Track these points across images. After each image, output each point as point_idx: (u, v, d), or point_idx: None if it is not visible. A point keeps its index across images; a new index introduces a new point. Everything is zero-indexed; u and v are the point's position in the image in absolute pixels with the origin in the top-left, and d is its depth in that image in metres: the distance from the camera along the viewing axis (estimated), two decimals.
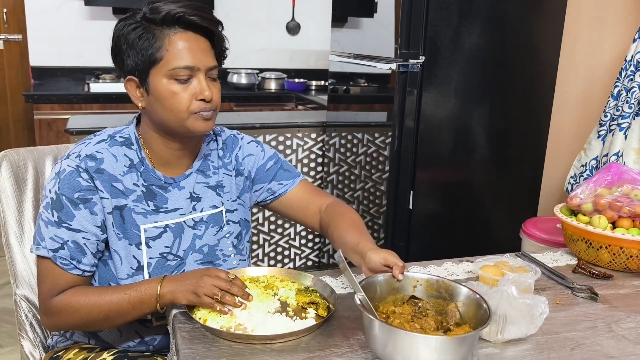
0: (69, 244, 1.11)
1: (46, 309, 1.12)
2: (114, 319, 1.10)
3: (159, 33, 1.08)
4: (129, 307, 1.08)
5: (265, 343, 0.98)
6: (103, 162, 1.13)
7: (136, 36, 1.08)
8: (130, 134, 1.19)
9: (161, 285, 1.07)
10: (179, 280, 1.07)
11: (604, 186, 1.42)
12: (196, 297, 1.04)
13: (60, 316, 1.10)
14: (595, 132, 2.08)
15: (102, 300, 1.09)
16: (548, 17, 2.29)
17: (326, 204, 1.29)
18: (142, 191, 1.16)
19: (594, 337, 1.06)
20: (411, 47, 2.10)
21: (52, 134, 3.20)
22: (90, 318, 1.09)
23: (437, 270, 1.34)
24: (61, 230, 1.10)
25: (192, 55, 1.09)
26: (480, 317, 0.95)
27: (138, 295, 1.07)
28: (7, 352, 2.42)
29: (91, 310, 1.09)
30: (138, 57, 1.09)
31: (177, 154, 1.19)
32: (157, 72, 1.09)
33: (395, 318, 0.97)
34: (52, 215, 1.11)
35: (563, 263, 1.42)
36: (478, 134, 2.28)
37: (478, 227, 2.37)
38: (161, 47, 1.08)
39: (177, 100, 1.10)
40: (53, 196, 1.11)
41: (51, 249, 1.10)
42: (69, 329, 1.13)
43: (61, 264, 1.10)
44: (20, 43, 3.89)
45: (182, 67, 1.08)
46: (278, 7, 4.02)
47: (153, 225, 1.17)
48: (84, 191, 1.11)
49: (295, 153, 2.85)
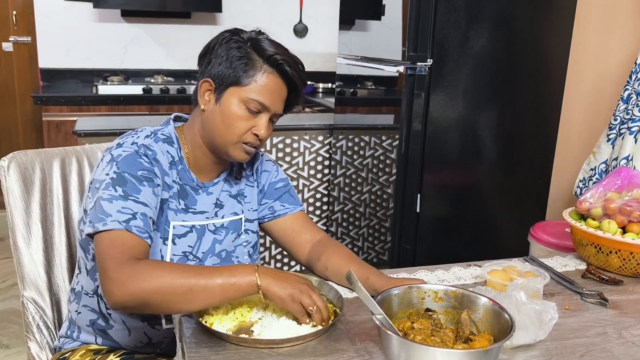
0: (139, 215, 1.07)
1: (122, 273, 0.99)
2: (196, 295, 0.99)
3: (257, 64, 1.16)
4: (216, 287, 1.00)
5: (271, 347, 0.98)
6: (156, 154, 1.17)
7: (236, 54, 1.16)
8: (170, 133, 1.23)
9: (259, 276, 1.01)
10: (275, 276, 1.03)
11: (614, 190, 1.40)
12: (292, 300, 1.01)
13: (140, 279, 0.98)
14: (605, 136, 2.07)
15: (189, 272, 1.01)
16: (557, 20, 2.27)
17: (320, 237, 1.33)
18: (177, 189, 1.21)
19: (604, 343, 1.05)
20: (419, 49, 2.09)
21: (61, 136, 3.22)
22: (172, 288, 0.98)
23: (445, 275, 1.33)
24: (129, 203, 1.07)
25: (272, 97, 1.17)
26: (502, 326, 0.94)
27: (231, 278, 1.00)
28: (13, 353, 2.42)
29: (175, 279, 0.99)
30: (228, 71, 1.16)
31: (211, 163, 1.25)
32: (236, 92, 1.16)
33: (416, 334, 0.96)
34: (116, 191, 1.08)
35: (572, 268, 1.41)
36: (486, 137, 2.27)
37: (485, 230, 2.35)
38: (252, 76, 1.16)
39: (237, 124, 1.17)
40: (113, 175, 1.10)
41: (123, 221, 1.05)
42: (142, 297, 0.98)
43: (137, 231, 1.05)
44: (29, 45, 3.91)
45: (259, 102, 1.16)
46: (285, 10, 4.02)
47: (181, 224, 1.20)
48: (147, 171, 1.13)
49: (303, 155, 2.85)
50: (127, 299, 0.98)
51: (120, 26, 3.75)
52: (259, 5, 3.95)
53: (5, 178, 1.33)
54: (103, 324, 1.24)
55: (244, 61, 1.16)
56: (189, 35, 3.86)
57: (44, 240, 1.38)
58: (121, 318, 1.23)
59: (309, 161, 2.87)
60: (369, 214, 2.58)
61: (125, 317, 1.22)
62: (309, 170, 2.88)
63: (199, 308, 1.03)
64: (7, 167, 1.33)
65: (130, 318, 1.22)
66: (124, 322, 1.23)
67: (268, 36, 1.21)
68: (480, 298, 1.01)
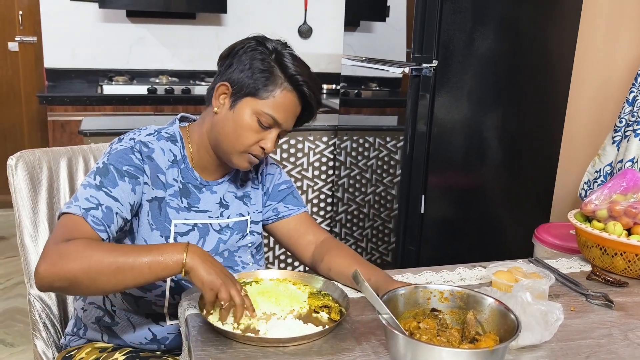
0: (103, 208, 1.08)
1: (51, 252, 0.98)
2: (124, 274, 0.99)
3: (278, 80, 1.17)
4: (144, 266, 0.99)
5: (277, 346, 0.98)
6: (153, 151, 1.19)
7: (259, 65, 1.17)
8: (175, 132, 1.25)
9: (187, 254, 1.00)
10: (204, 259, 1.01)
11: (619, 192, 1.41)
12: (209, 288, 0.99)
13: (67, 259, 0.97)
14: (610, 138, 2.07)
15: (118, 251, 1.00)
16: (562, 22, 2.27)
17: (323, 238, 1.33)
18: (179, 187, 1.22)
19: (610, 345, 1.05)
20: (424, 51, 2.09)
21: (65, 135, 3.23)
22: (99, 268, 0.97)
23: (450, 276, 1.33)
24: (100, 193, 1.09)
25: (286, 115, 1.19)
26: (508, 327, 0.95)
27: (159, 256, 1.00)
28: (18, 351, 2.43)
29: (103, 259, 0.98)
30: (248, 80, 1.17)
31: (215, 164, 1.26)
32: (251, 104, 1.17)
33: (422, 334, 0.96)
34: (94, 179, 1.11)
35: (577, 269, 1.41)
36: (491, 138, 2.27)
37: (490, 232, 2.35)
38: (271, 91, 1.17)
39: (246, 135, 1.17)
40: (100, 165, 1.13)
41: (84, 208, 1.06)
42: (69, 277, 0.96)
43: (92, 222, 1.05)
44: (35, 45, 3.93)
45: (273, 118, 1.17)
46: (290, 11, 4.03)
47: (183, 222, 1.21)
48: (133, 167, 1.14)
49: (307, 156, 2.85)
50: (52, 279, 0.97)
51: (126, 26, 3.76)
52: (264, 6, 3.96)
53: (13, 177, 1.34)
54: (109, 321, 1.25)
55: (265, 75, 1.16)
56: (194, 35, 3.86)
57: None
58: (126, 315, 1.23)
59: (313, 162, 2.87)
60: (373, 215, 2.58)
61: (129, 313, 1.23)
62: (313, 171, 2.88)
63: (129, 287, 1.02)
64: (14, 165, 1.34)
65: (135, 315, 1.23)
66: (128, 319, 1.23)
67: (292, 50, 1.22)
68: (486, 298, 1.01)
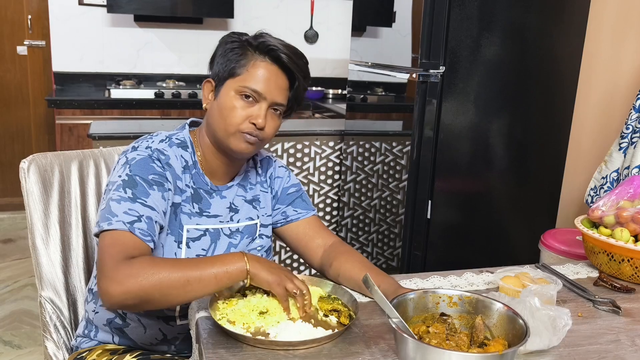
0: (145, 218, 1.09)
1: (116, 272, 1.00)
2: (193, 287, 1.02)
3: (249, 54, 1.18)
4: (211, 277, 1.03)
5: (287, 349, 0.99)
6: (169, 158, 1.20)
7: (230, 49, 1.19)
8: (185, 138, 1.26)
9: (248, 262, 1.06)
10: (262, 262, 1.08)
11: (627, 199, 1.41)
12: (277, 284, 1.06)
13: (138, 277, 0.99)
14: (617, 145, 2.07)
15: (184, 265, 1.04)
16: (569, 29, 2.28)
17: (332, 241, 1.34)
18: (191, 193, 1.22)
19: (617, 350, 1.05)
20: (432, 57, 2.10)
21: (73, 139, 3.25)
22: (169, 283, 1.00)
23: (457, 281, 1.34)
24: (136, 205, 1.09)
25: (265, 84, 1.17)
26: (516, 332, 0.95)
27: (223, 267, 1.04)
28: (26, 353, 2.45)
29: (171, 274, 1.01)
30: (223, 66, 1.19)
31: (223, 166, 1.26)
32: (231, 85, 1.18)
33: (431, 338, 0.97)
34: (125, 192, 1.11)
35: (584, 275, 1.41)
36: (497, 144, 2.28)
37: (496, 237, 2.36)
38: (244, 66, 1.17)
39: (233, 114, 1.17)
40: (125, 178, 1.13)
41: (128, 222, 1.07)
42: (141, 295, 0.99)
43: (140, 234, 1.07)
44: (44, 49, 3.96)
45: (251, 89, 1.17)
46: (297, 16, 4.05)
47: (195, 227, 1.22)
48: (158, 176, 1.15)
49: (313, 161, 2.86)
50: (125, 297, 0.99)
51: (133, 31, 3.79)
52: (270, 11, 3.98)
53: (25, 180, 1.35)
54: (120, 323, 1.26)
55: (237, 52, 1.18)
56: (201, 40, 3.89)
57: (61, 241, 1.40)
58: (137, 316, 1.24)
59: (320, 167, 2.89)
60: (379, 220, 2.59)
61: (140, 315, 1.24)
62: (319, 175, 2.90)
63: (196, 298, 1.07)
64: (27, 169, 1.36)
65: (146, 316, 1.24)
66: (139, 320, 1.24)
67: (269, 34, 1.22)
68: (494, 303, 1.02)
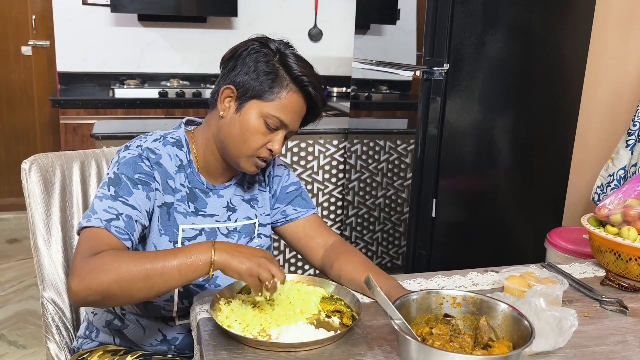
0: (124, 217, 1.08)
1: (80, 268, 0.99)
2: (154, 280, 0.99)
3: (284, 82, 1.16)
4: (173, 270, 0.99)
5: (289, 351, 0.98)
6: (161, 157, 1.19)
7: (264, 68, 1.16)
8: (180, 137, 1.24)
9: (215, 251, 1.01)
10: (232, 251, 1.02)
11: (634, 197, 1.39)
12: (249, 275, 1.01)
13: (96, 273, 0.97)
14: (624, 142, 2.05)
15: (145, 258, 1.00)
16: (575, 25, 2.26)
17: (332, 240, 1.32)
18: (186, 192, 1.22)
19: (624, 351, 1.04)
20: (436, 54, 2.09)
21: (77, 139, 3.25)
22: (129, 277, 0.97)
23: (462, 280, 1.32)
24: (117, 204, 1.09)
25: (293, 116, 1.18)
26: (521, 333, 0.94)
27: (187, 258, 1.00)
28: (30, 353, 2.45)
29: (131, 268, 0.98)
30: (254, 83, 1.16)
31: (221, 168, 1.26)
32: (258, 106, 1.16)
33: (435, 340, 0.95)
34: (109, 190, 1.11)
35: (590, 275, 1.39)
36: (502, 142, 2.26)
37: (501, 236, 2.34)
38: (277, 93, 1.16)
39: (253, 138, 1.17)
40: (111, 175, 1.13)
41: (105, 219, 1.06)
42: (101, 291, 0.97)
43: (115, 232, 1.06)
44: (48, 49, 3.96)
45: (279, 120, 1.17)
46: (301, 14, 4.04)
47: (190, 227, 1.21)
48: (145, 175, 1.14)
49: (317, 160, 2.85)
50: (86, 294, 0.97)
51: (137, 30, 3.79)
52: (274, 10, 3.97)
53: (26, 180, 1.35)
54: (119, 324, 1.25)
55: (271, 77, 1.15)
56: (205, 39, 3.88)
57: (63, 242, 1.40)
58: (135, 317, 1.24)
59: (324, 165, 2.87)
60: (383, 219, 2.58)
61: (139, 316, 1.24)
62: (323, 174, 2.88)
63: (161, 293, 1.02)
64: (28, 169, 1.35)
65: (144, 317, 1.23)
66: (138, 321, 1.24)
67: (295, 50, 1.21)
68: (499, 304, 1.00)
